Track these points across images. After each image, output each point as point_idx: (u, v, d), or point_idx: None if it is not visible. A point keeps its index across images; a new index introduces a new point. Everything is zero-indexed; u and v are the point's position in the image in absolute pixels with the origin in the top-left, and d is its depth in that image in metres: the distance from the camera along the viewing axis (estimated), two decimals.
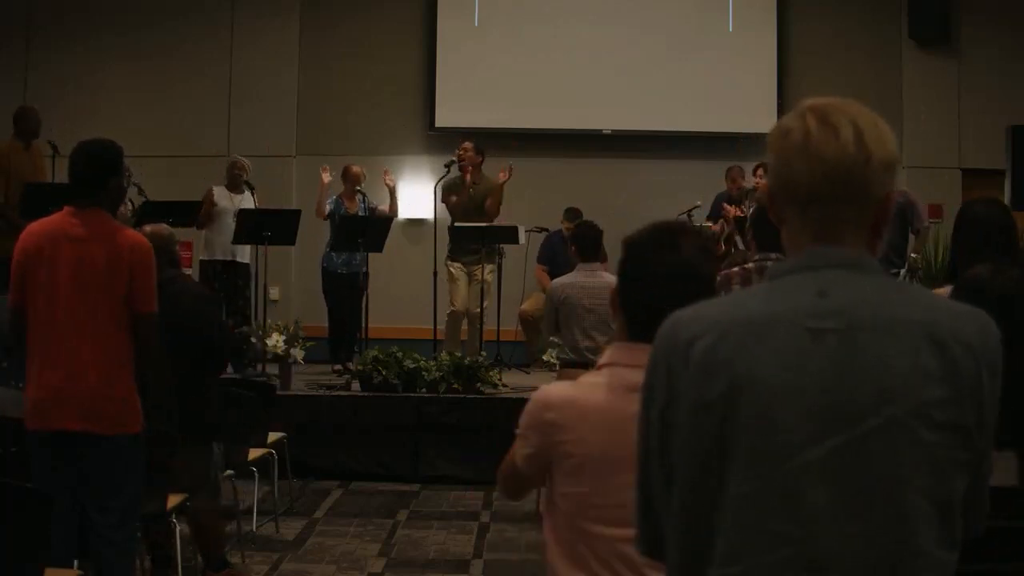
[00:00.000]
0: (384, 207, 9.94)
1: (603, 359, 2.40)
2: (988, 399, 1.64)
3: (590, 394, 2.35)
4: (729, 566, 1.61)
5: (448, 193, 9.70)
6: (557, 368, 7.97)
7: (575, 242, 6.93)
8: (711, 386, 1.63)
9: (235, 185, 9.57)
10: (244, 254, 9.51)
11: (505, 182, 9.56)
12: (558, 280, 6.98)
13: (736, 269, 4.77)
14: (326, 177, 9.72)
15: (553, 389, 2.41)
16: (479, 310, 9.55)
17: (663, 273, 2.32)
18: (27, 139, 9.28)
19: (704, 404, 1.63)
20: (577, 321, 6.72)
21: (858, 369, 1.60)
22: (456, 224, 9.49)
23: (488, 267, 9.67)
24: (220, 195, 9.49)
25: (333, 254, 9.74)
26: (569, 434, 2.32)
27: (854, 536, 1.57)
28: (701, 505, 1.64)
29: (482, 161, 9.73)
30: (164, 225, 5.69)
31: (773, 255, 4.48)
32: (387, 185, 9.96)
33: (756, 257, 4.62)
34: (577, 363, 6.75)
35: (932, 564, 1.60)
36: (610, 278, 6.84)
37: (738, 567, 1.61)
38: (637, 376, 2.28)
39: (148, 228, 5.55)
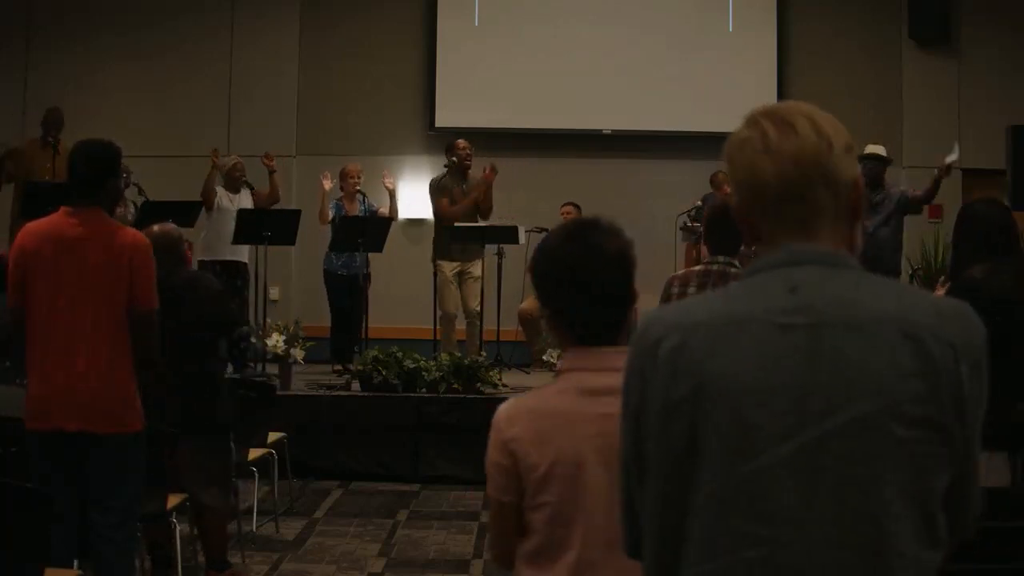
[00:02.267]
0: (384, 209, 9.93)
1: (560, 366, 2.39)
2: (969, 394, 1.60)
3: (546, 402, 2.34)
4: (701, 564, 1.60)
5: (440, 196, 9.68)
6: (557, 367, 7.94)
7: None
8: (678, 386, 1.62)
9: (234, 186, 9.56)
10: (243, 254, 9.50)
11: (491, 180, 9.54)
12: None
13: (680, 273, 4.84)
14: (327, 184, 9.70)
15: (508, 405, 2.37)
16: (477, 307, 9.54)
17: (573, 264, 2.30)
18: (44, 139, 9.48)
19: (672, 404, 1.62)
20: None
21: (828, 366, 1.58)
22: (456, 224, 9.48)
23: (478, 264, 9.63)
24: (219, 195, 9.49)
25: (333, 256, 9.73)
26: (531, 445, 2.29)
27: (825, 535, 1.55)
28: (674, 505, 1.63)
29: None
30: (172, 224, 5.70)
31: (721, 258, 4.52)
32: (386, 187, 9.95)
33: (706, 260, 4.64)
34: None
35: (909, 563, 1.57)
36: None
37: (710, 565, 1.60)
38: (593, 379, 2.27)
39: (156, 228, 5.57)
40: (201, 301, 5.47)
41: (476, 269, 9.62)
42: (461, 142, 9.74)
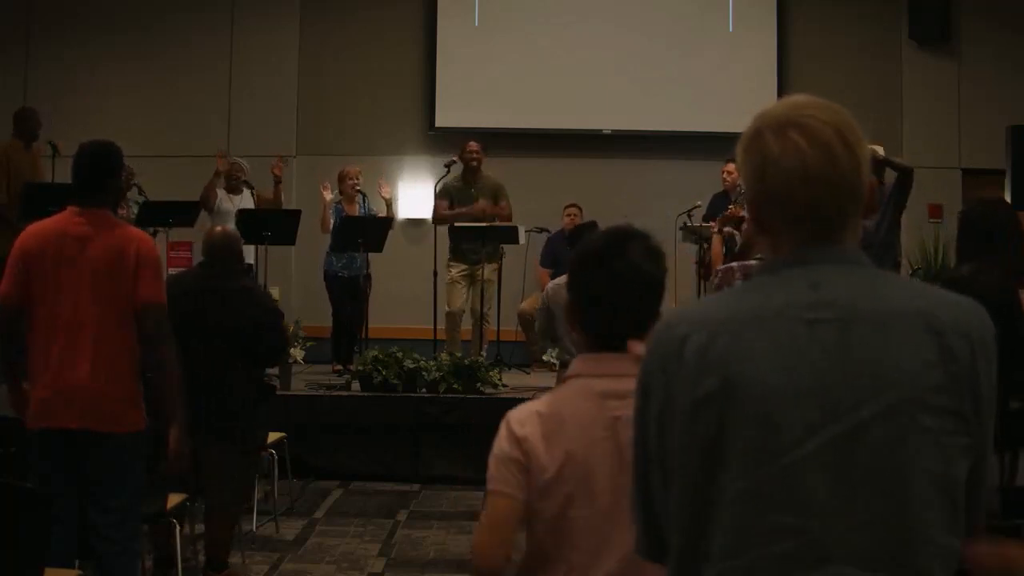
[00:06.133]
0: (382, 215, 9.89)
1: (569, 371, 2.38)
2: (985, 387, 1.64)
3: (556, 405, 2.33)
4: (730, 560, 1.61)
5: (441, 198, 9.67)
6: (557, 368, 7.96)
7: (572, 244, 6.94)
8: (706, 383, 1.63)
9: (233, 187, 9.57)
10: (248, 255, 9.48)
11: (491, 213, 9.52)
12: (553, 281, 7.00)
13: (736, 264, 4.78)
14: (327, 195, 9.68)
15: (518, 409, 2.37)
16: (483, 310, 9.53)
17: (611, 281, 2.32)
18: (27, 140, 9.33)
19: (700, 401, 1.63)
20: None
21: (854, 359, 1.60)
22: (457, 224, 9.47)
23: (489, 266, 9.65)
24: (220, 196, 9.49)
25: (333, 257, 9.72)
26: (540, 447, 2.29)
27: (857, 525, 1.58)
28: (701, 502, 1.64)
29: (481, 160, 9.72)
30: (233, 228, 5.77)
31: None
32: (382, 197, 9.89)
33: (759, 255, 4.62)
34: None
35: (938, 550, 1.60)
36: None
37: (740, 560, 1.61)
38: (603, 384, 2.28)
39: (219, 229, 5.62)
40: (258, 310, 5.53)
41: (486, 272, 9.59)
42: (471, 144, 9.72)
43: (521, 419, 2.34)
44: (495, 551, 2.30)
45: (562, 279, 6.91)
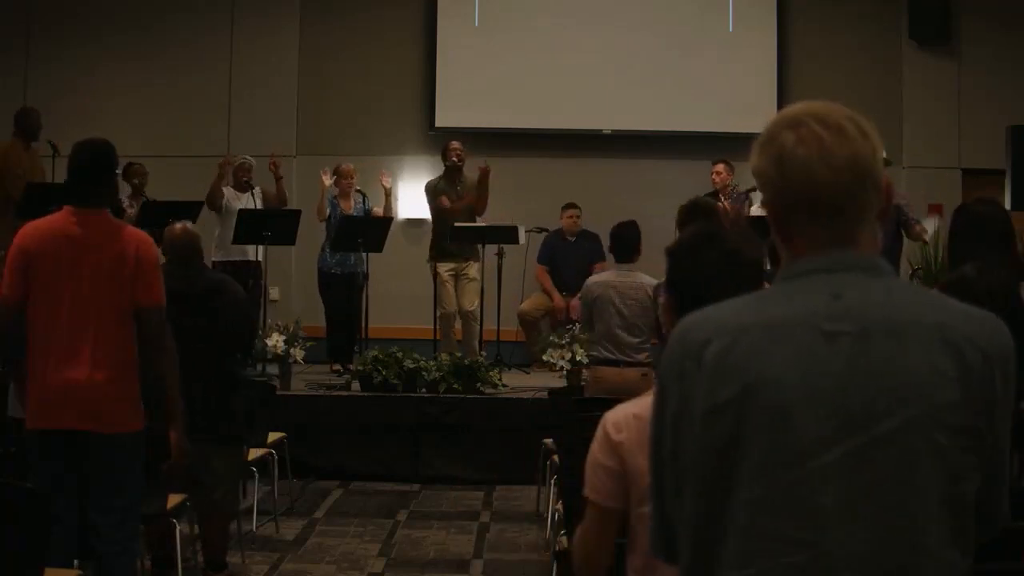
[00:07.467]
0: (379, 209, 9.90)
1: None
2: (1001, 402, 1.63)
3: (650, 409, 2.33)
4: (740, 569, 1.61)
5: (435, 196, 9.68)
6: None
7: (612, 242, 6.95)
8: (724, 389, 1.62)
9: (242, 186, 9.59)
10: (255, 253, 9.48)
11: (487, 176, 9.52)
12: (592, 278, 7.03)
13: None
14: (327, 180, 9.71)
15: (614, 412, 2.35)
16: (472, 308, 9.53)
17: (710, 270, 2.29)
18: (28, 140, 9.33)
19: (717, 407, 1.62)
20: (608, 320, 6.74)
21: (872, 372, 1.59)
22: (456, 224, 9.47)
23: (475, 265, 9.64)
24: (228, 195, 9.51)
25: (327, 254, 9.73)
26: (637, 452, 2.26)
27: (867, 539, 1.57)
28: (713, 508, 1.63)
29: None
30: (191, 224, 5.72)
31: None
32: (383, 186, 9.91)
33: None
34: (609, 361, 6.80)
35: (945, 568, 1.59)
36: (644, 279, 6.86)
37: (749, 570, 1.60)
38: None
39: (179, 226, 5.58)
40: (232, 306, 5.52)
41: (472, 270, 9.61)
42: (454, 143, 9.75)
43: (618, 423, 2.32)
44: (593, 559, 2.32)
45: (600, 276, 6.92)
